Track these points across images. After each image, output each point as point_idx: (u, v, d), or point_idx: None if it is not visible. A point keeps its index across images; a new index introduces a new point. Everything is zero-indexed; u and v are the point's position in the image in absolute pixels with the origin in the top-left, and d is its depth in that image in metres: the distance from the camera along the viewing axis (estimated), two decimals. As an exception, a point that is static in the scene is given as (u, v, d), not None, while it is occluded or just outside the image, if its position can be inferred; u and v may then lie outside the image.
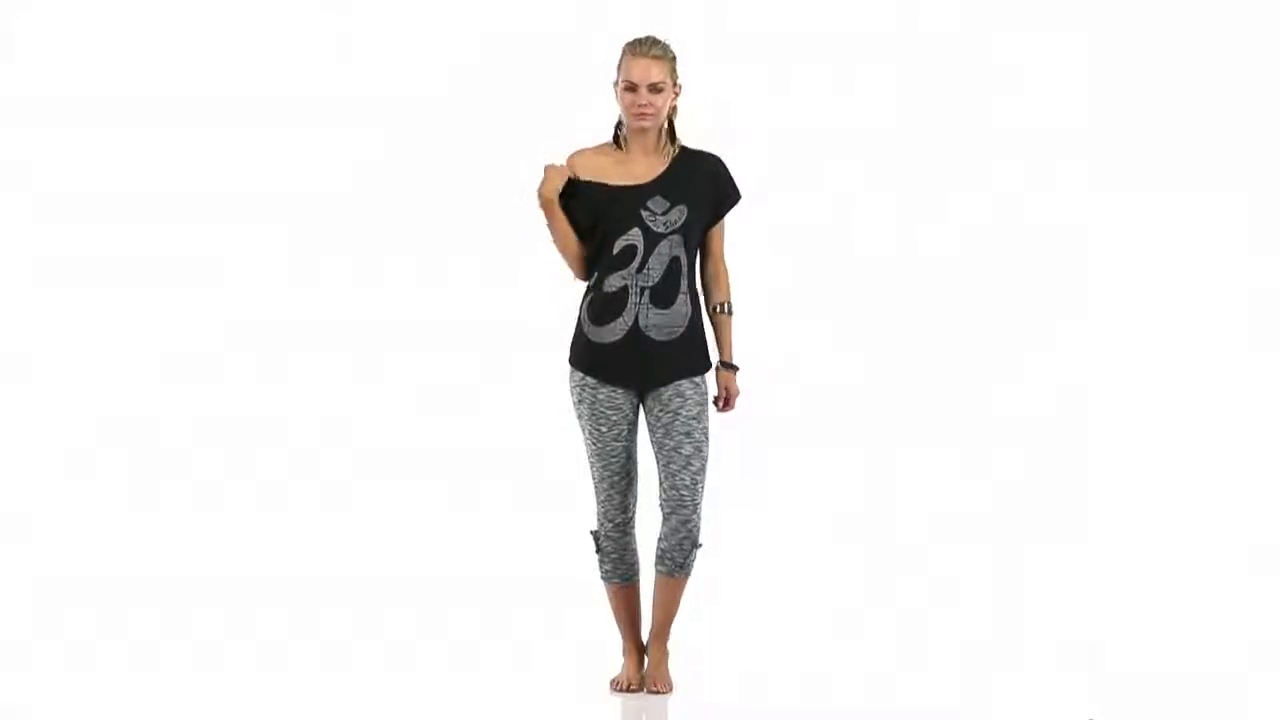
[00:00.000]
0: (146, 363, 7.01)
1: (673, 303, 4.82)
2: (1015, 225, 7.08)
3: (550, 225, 4.86)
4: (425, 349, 7.04)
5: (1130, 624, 5.72)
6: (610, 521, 4.94)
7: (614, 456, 4.89)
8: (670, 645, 4.99)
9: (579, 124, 6.88)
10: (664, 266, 4.80)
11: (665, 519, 4.89)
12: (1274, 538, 6.59)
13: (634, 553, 4.99)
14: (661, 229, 4.80)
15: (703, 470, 4.87)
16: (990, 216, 7.09)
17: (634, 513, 4.96)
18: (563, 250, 4.88)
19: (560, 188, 4.83)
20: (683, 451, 4.84)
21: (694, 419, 4.85)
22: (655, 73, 4.77)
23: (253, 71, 7.02)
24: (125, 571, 6.26)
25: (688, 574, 4.93)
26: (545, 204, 4.85)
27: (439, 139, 7.05)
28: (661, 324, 4.82)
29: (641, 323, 4.81)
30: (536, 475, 6.81)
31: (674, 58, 4.82)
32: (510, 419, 6.93)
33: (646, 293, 4.81)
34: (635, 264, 4.80)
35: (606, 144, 4.90)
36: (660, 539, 4.91)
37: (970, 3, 7.07)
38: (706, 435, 4.87)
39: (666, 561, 4.91)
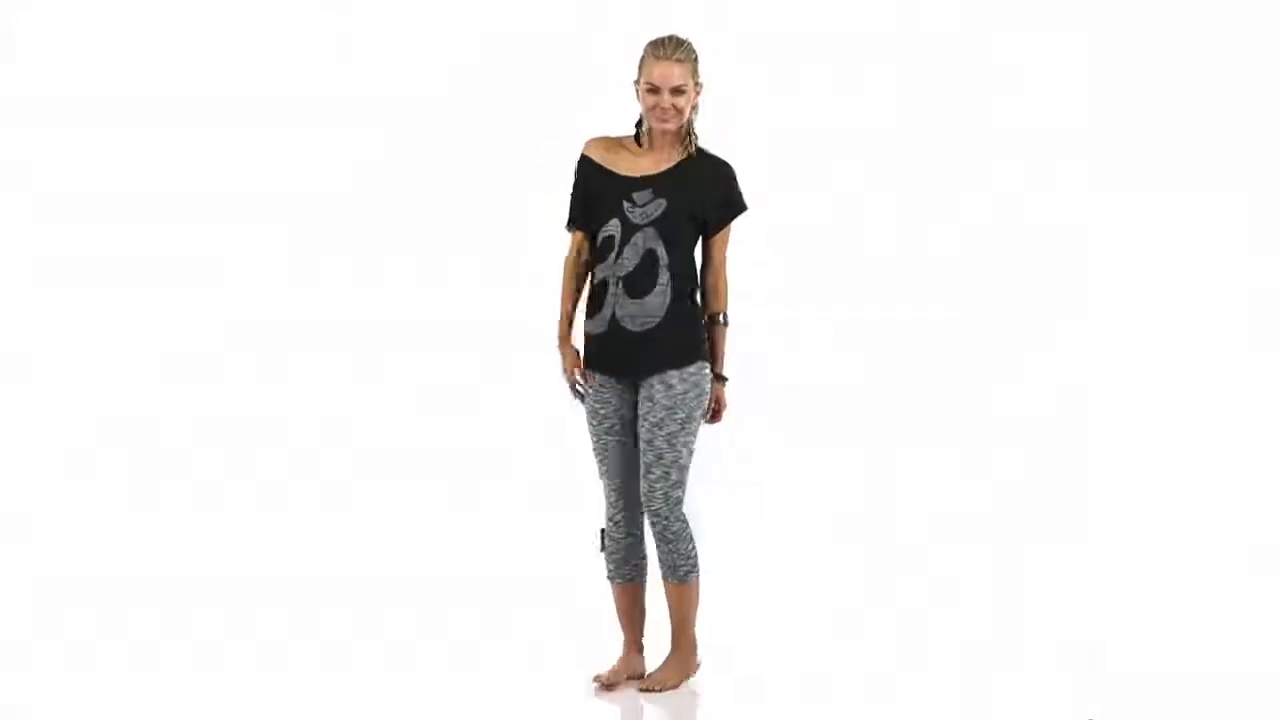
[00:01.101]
0: (146, 363, 7.01)
1: (647, 293, 4.79)
2: (1015, 225, 7.08)
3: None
4: (425, 349, 7.03)
5: (1130, 624, 5.72)
6: (610, 520, 4.94)
7: (606, 451, 4.88)
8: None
9: (579, 124, 6.90)
10: (638, 257, 4.78)
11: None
12: (1274, 538, 6.59)
13: (640, 554, 4.95)
14: (638, 220, 4.79)
15: (674, 467, 4.80)
16: (990, 216, 7.09)
17: (639, 514, 4.93)
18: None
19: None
20: (654, 445, 4.80)
21: (668, 409, 4.80)
22: (678, 75, 4.76)
23: (253, 71, 7.02)
24: (125, 571, 6.25)
25: (682, 581, 4.90)
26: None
27: (439, 139, 7.05)
28: (635, 314, 4.80)
29: (617, 313, 4.81)
30: (536, 475, 6.81)
31: (696, 58, 4.81)
32: (510, 419, 6.93)
33: (620, 283, 4.80)
34: (613, 254, 4.80)
35: (628, 137, 4.90)
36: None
37: (970, 3, 7.07)
38: (684, 429, 4.81)
39: (661, 566, 4.92)
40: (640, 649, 5.01)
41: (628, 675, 4.98)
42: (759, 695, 4.98)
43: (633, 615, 4.99)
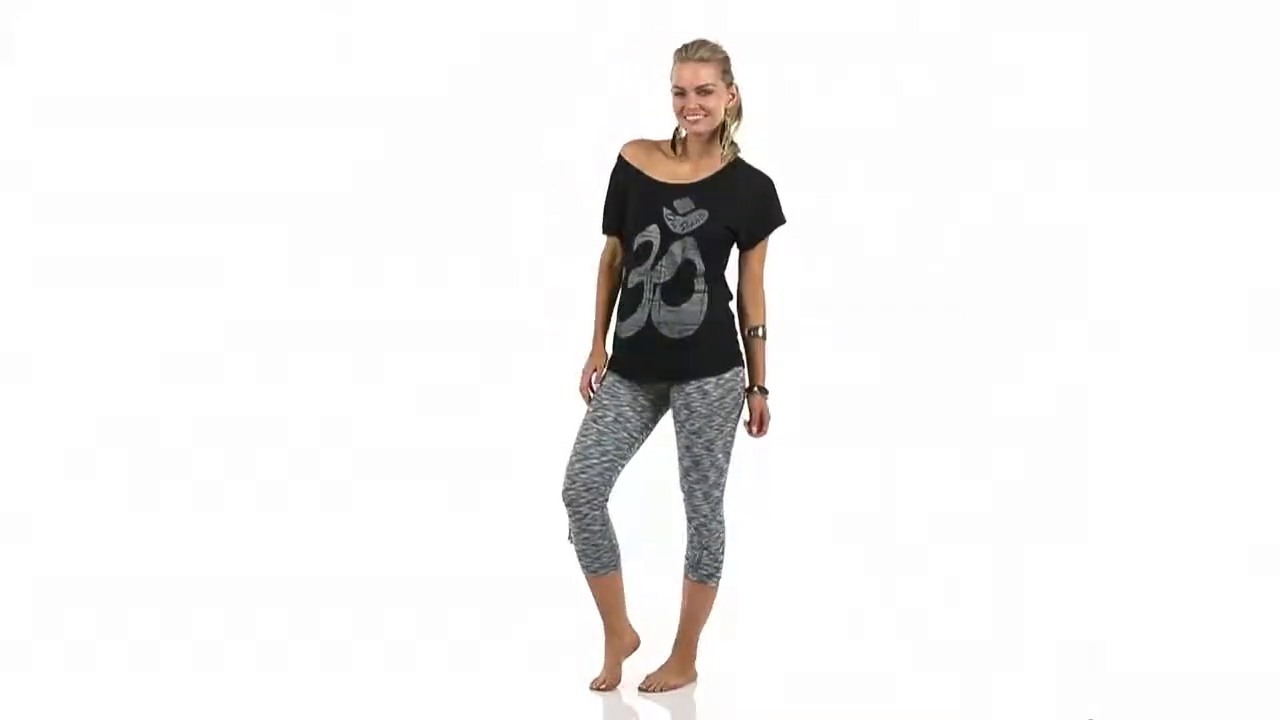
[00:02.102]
0: (146, 363, 7.01)
1: (684, 301, 4.81)
2: (1015, 225, 7.08)
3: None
4: (425, 349, 7.03)
5: (1130, 624, 5.72)
6: (563, 498, 4.87)
7: (586, 432, 4.87)
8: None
9: (579, 124, 6.91)
10: (675, 266, 4.79)
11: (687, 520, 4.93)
12: (1274, 538, 6.59)
13: (597, 546, 4.88)
14: (678, 230, 4.79)
15: (713, 469, 4.85)
16: (990, 216, 7.09)
17: (595, 499, 4.83)
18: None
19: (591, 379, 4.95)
20: (692, 451, 4.84)
21: (706, 417, 4.83)
22: (704, 75, 4.75)
23: (253, 71, 7.02)
24: (125, 571, 6.25)
25: (702, 581, 4.93)
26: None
27: (439, 139, 7.05)
28: (672, 321, 4.81)
29: (654, 319, 4.82)
30: (536, 475, 6.80)
31: (725, 58, 4.80)
32: (510, 419, 6.92)
33: (658, 289, 4.81)
34: (649, 261, 4.80)
35: (665, 141, 4.89)
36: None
37: (970, 3, 7.07)
38: (721, 434, 4.85)
39: (686, 563, 4.95)
40: (622, 631, 4.97)
41: (623, 658, 4.98)
42: (759, 695, 4.98)
43: (608, 603, 4.96)
